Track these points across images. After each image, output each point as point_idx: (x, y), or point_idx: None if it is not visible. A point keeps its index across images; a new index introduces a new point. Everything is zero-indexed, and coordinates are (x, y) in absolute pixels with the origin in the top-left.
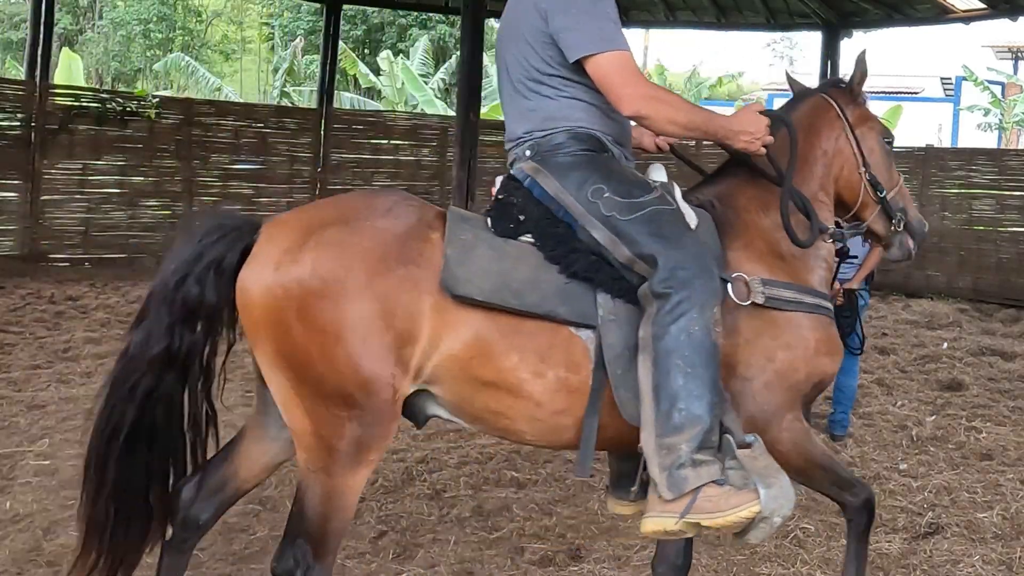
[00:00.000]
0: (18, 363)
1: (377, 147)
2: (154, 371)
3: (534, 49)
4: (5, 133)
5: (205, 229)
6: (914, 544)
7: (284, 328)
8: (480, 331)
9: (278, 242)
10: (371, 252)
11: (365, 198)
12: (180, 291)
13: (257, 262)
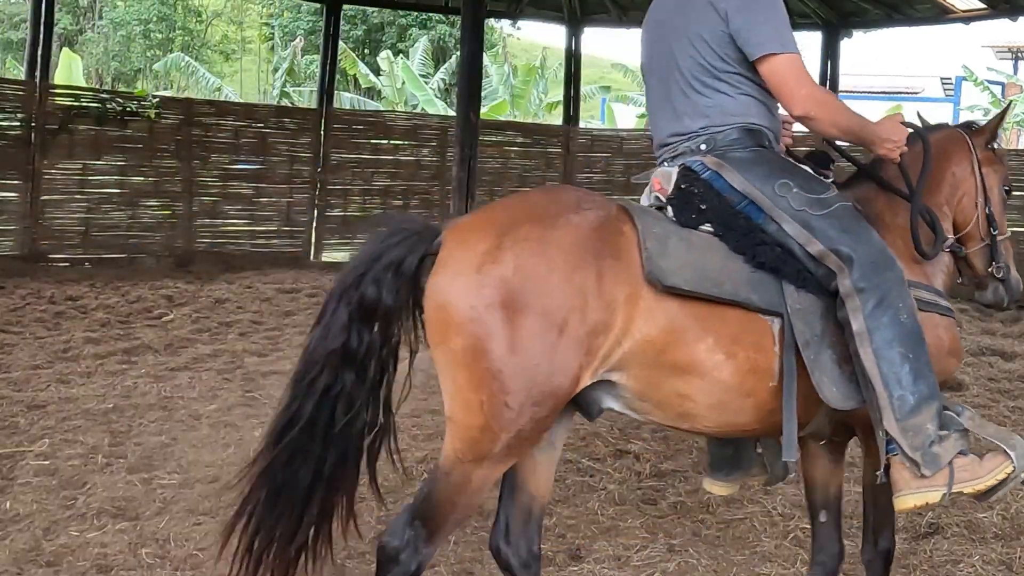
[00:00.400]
0: (18, 363)
1: (377, 147)
2: (332, 368)
3: (711, 47)
4: (5, 133)
5: (387, 231)
6: (914, 544)
7: (483, 327)
8: (676, 317)
9: (473, 245)
10: (570, 247)
11: (549, 195)
12: (358, 290)
13: (454, 265)
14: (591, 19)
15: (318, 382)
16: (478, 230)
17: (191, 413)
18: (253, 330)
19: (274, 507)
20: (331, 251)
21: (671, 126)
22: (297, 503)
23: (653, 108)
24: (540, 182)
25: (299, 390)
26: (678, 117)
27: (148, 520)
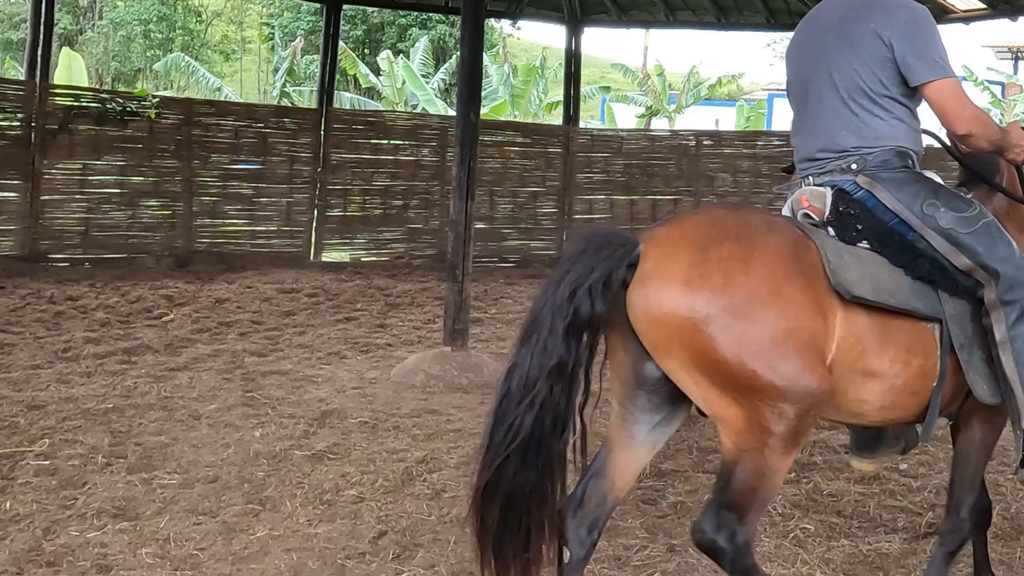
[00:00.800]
0: (18, 363)
1: (377, 147)
2: (548, 382)
3: (873, 72)
4: (5, 133)
5: (594, 244)
6: (914, 544)
7: (704, 336)
8: (862, 327)
9: (677, 259)
10: (774, 263)
11: (736, 215)
12: (573, 304)
13: (662, 278)
14: (591, 19)
15: (537, 397)
16: (680, 244)
17: (191, 413)
18: (253, 330)
19: (506, 522)
20: (331, 251)
21: (820, 142)
22: (523, 515)
23: (800, 123)
24: (540, 182)
25: (519, 407)
26: (830, 135)
27: (148, 520)
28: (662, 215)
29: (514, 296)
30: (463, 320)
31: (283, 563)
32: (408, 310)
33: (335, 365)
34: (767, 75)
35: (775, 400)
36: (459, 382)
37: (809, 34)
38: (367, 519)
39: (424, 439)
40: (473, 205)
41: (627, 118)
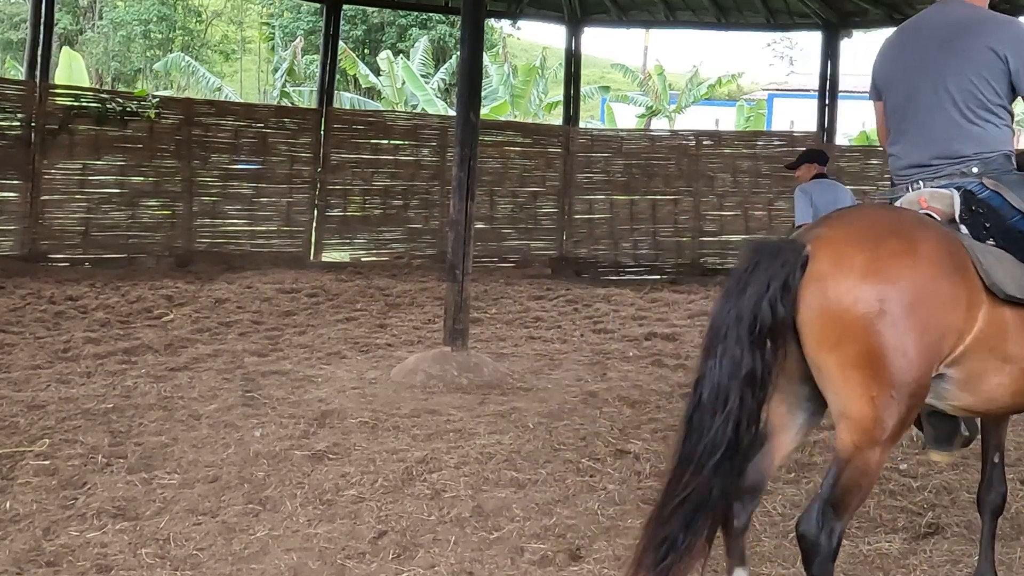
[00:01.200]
0: (18, 363)
1: (377, 147)
2: (740, 390)
3: (989, 83)
4: (5, 133)
5: (767, 253)
6: (914, 544)
7: (874, 331)
8: (1005, 319)
9: (851, 256)
10: (934, 260)
11: (887, 212)
12: (757, 312)
13: (839, 275)
14: (591, 19)
15: (731, 405)
16: (850, 244)
17: (191, 413)
18: (253, 330)
19: (689, 526)
20: (331, 251)
21: (934, 150)
22: (710, 517)
23: (904, 132)
24: (540, 182)
25: (711, 417)
26: (946, 142)
27: (148, 520)
28: (662, 215)
29: (514, 296)
30: (463, 320)
31: (283, 563)
32: (408, 310)
33: (335, 365)
34: (767, 75)
35: (907, 397)
36: (459, 382)
37: (912, 50)
38: (367, 519)
39: (424, 439)
40: (473, 205)
41: (627, 118)
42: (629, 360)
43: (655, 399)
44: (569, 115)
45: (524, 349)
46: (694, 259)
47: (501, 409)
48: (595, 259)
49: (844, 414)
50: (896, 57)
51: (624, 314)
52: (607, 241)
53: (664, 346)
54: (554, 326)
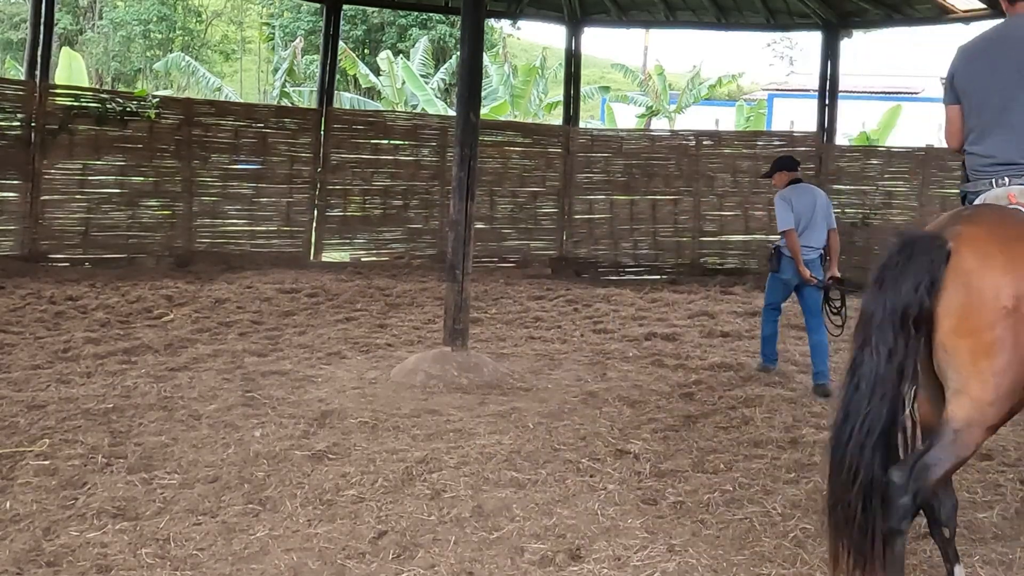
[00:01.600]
0: (18, 363)
1: (377, 147)
2: (893, 376)
3: None
4: (5, 133)
5: (916, 248)
6: (914, 544)
7: (1009, 324)
8: None
9: (994, 256)
10: None
11: (1008, 213)
12: (908, 304)
13: (983, 272)
14: (591, 19)
15: (887, 390)
16: (991, 242)
17: (191, 413)
18: (253, 330)
19: (865, 507)
20: (331, 251)
21: (1021, 150)
22: (875, 498)
23: (989, 133)
24: (540, 182)
25: (867, 402)
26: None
27: (148, 520)
28: (662, 215)
29: (514, 296)
30: (463, 320)
31: (283, 563)
32: (408, 310)
33: (335, 365)
34: (767, 75)
35: (1020, 382)
36: (459, 382)
37: (999, 60)
38: (367, 519)
39: (424, 439)
40: (473, 205)
41: (627, 118)
42: (629, 360)
43: (655, 399)
44: (569, 115)
45: (524, 349)
46: (694, 259)
47: (501, 409)
48: (595, 259)
49: (964, 391)
50: (982, 66)
51: (624, 314)
52: (607, 241)
53: (664, 346)
54: (554, 326)
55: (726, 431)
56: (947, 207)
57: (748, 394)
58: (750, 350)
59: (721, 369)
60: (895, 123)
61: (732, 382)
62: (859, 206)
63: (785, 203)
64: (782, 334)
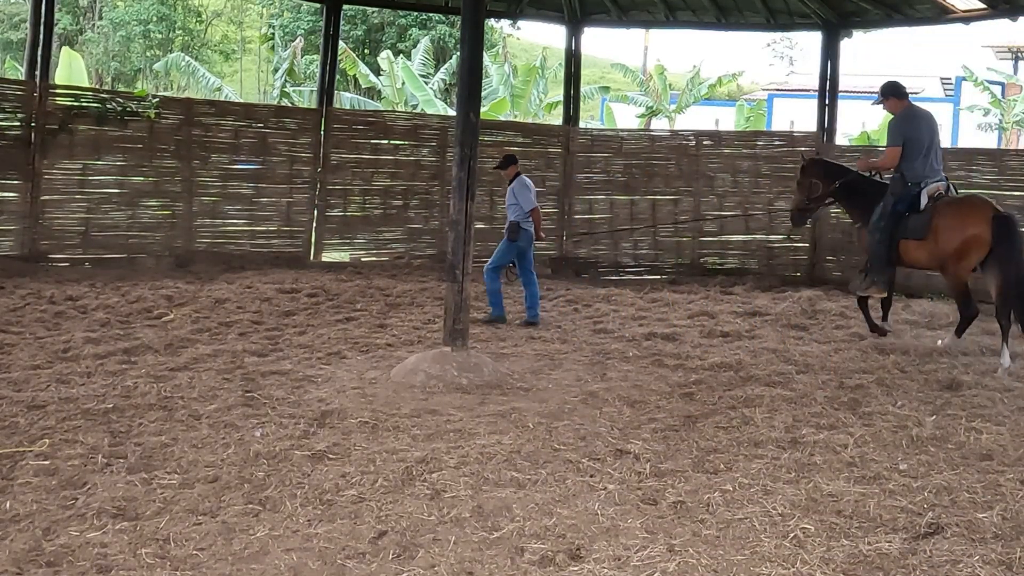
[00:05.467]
0: (18, 363)
1: (377, 147)
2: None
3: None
4: (5, 133)
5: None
6: (914, 544)
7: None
8: None
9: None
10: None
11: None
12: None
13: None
14: (591, 19)
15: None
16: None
17: (191, 413)
18: (253, 330)
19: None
20: (331, 251)
21: (938, 167)
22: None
23: (926, 158)
24: (540, 182)
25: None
26: (941, 165)
27: (148, 520)
28: (662, 215)
29: (514, 296)
30: (463, 320)
31: (283, 563)
32: (408, 310)
33: (335, 365)
34: (767, 75)
35: None
36: (459, 382)
37: (923, 123)
38: (367, 519)
39: (424, 439)
40: (473, 205)
41: (627, 118)
42: (629, 360)
43: (655, 399)
44: (569, 115)
45: (524, 349)
46: (694, 259)
47: (501, 409)
48: (595, 259)
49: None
50: (916, 126)
51: (624, 314)
52: (607, 241)
53: (664, 346)
54: (554, 326)
55: (726, 431)
56: None
57: (748, 394)
58: (750, 350)
59: (721, 369)
60: None
61: (732, 382)
62: None
63: (530, 189)
64: (782, 334)
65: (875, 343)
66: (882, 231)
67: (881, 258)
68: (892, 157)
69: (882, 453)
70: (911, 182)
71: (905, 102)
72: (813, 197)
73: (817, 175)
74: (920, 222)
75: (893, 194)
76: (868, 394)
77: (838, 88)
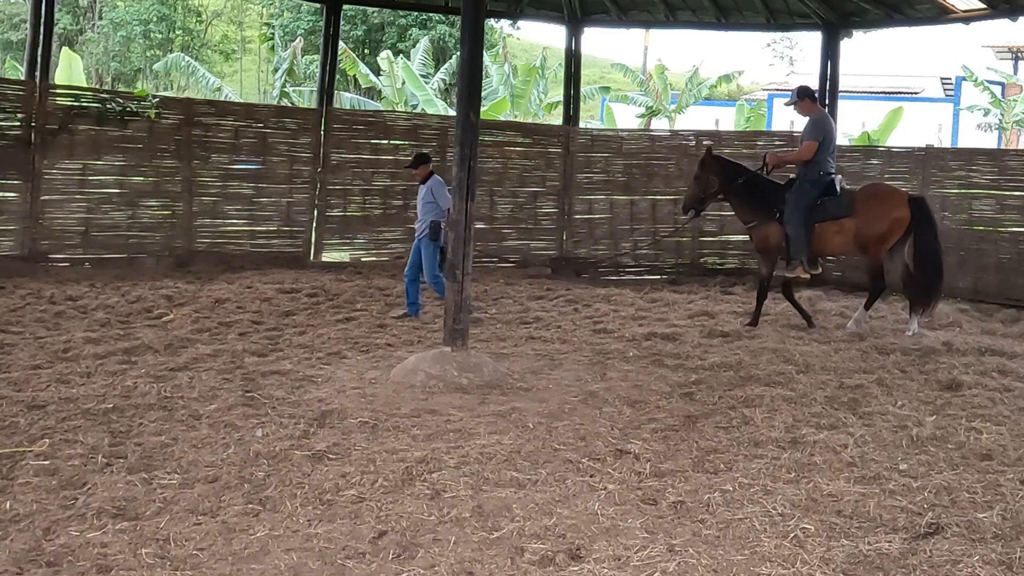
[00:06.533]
0: (18, 363)
1: (377, 147)
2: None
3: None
4: (5, 133)
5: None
6: (914, 544)
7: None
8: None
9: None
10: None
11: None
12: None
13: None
14: (591, 19)
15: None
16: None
17: (191, 413)
18: (253, 330)
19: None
20: (331, 251)
21: (835, 163)
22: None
23: (832, 153)
24: (540, 182)
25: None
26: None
27: (148, 520)
28: (662, 215)
29: (514, 296)
30: (463, 320)
31: (283, 563)
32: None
33: (335, 365)
34: (767, 75)
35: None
36: (459, 382)
37: (831, 126)
38: (367, 519)
39: (424, 439)
40: (473, 205)
41: (627, 118)
42: (629, 360)
43: (655, 399)
44: (569, 115)
45: (524, 349)
46: (694, 259)
47: (501, 409)
48: (595, 259)
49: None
50: (830, 127)
51: (624, 314)
52: (607, 241)
53: (664, 346)
54: (554, 326)
55: (726, 431)
56: (947, 206)
57: (748, 394)
58: (750, 350)
59: (721, 369)
60: (896, 124)
61: (732, 382)
62: None
63: (447, 188)
64: (782, 334)
65: (875, 343)
66: (802, 216)
67: (802, 240)
68: (810, 151)
69: (882, 453)
70: (823, 172)
71: (816, 105)
72: (709, 192)
73: (715, 171)
74: (840, 205)
75: (810, 184)
76: (868, 394)
77: (838, 88)
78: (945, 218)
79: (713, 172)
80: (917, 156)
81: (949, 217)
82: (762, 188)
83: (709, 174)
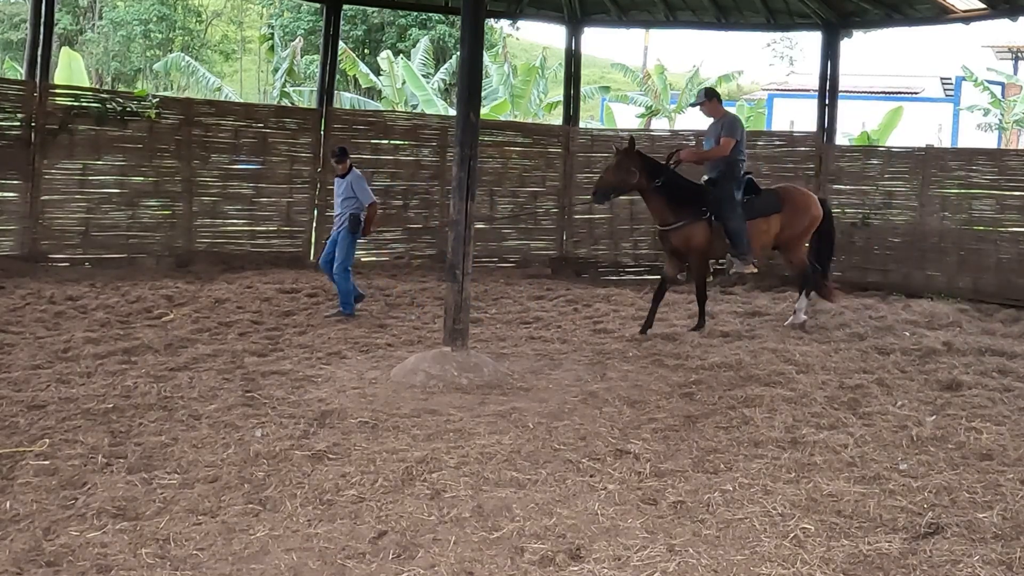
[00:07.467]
0: (18, 363)
1: (377, 147)
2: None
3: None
4: (5, 133)
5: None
6: (914, 544)
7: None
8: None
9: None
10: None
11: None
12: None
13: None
14: (591, 19)
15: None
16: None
17: (191, 413)
18: (253, 330)
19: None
20: None
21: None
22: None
23: (745, 155)
24: (540, 182)
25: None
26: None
27: (148, 520)
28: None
29: (514, 296)
30: (463, 320)
31: (283, 563)
32: (408, 310)
33: (335, 365)
34: (767, 75)
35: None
36: (459, 382)
37: (743, 128)
38: (367, 519)
39: (424, 439)
40: (473, 205)
41: (627, 118)
42: (629, 360)
43: (655, 399)
44: (569, 115)
45: (524, 349)
46: None
47: (501, 409)
48: (595, 259)
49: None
50: (742, 126)
51: (624, 314)
52: (607, 241)
53: (664, 346)
54: (554, 326)
55: (726, 431)
56: (947, 206)
57: (748, 394)
58: (750, 350)
59: (721, 369)
60: (896, 124)
61: (732, 382)
62: (859, 206)
63: (367, 183)
64: (781, 334)
65: (875, 343)
66: (740, 213)
67: (744, 235)
68: (728, 148)
69: (882, 453)
70: (741, 171)
71: (723, 106)
72: (629, 184)
73: (636, 165)
74: (767, 202)
75: (734, 183)
76: (868, 394)
77: (838, 88)
78: (945, 218)
79: (634, 166)
80: (917, 156)
81: (949, 217)
82: (685, 188)
83: (630, 166)
